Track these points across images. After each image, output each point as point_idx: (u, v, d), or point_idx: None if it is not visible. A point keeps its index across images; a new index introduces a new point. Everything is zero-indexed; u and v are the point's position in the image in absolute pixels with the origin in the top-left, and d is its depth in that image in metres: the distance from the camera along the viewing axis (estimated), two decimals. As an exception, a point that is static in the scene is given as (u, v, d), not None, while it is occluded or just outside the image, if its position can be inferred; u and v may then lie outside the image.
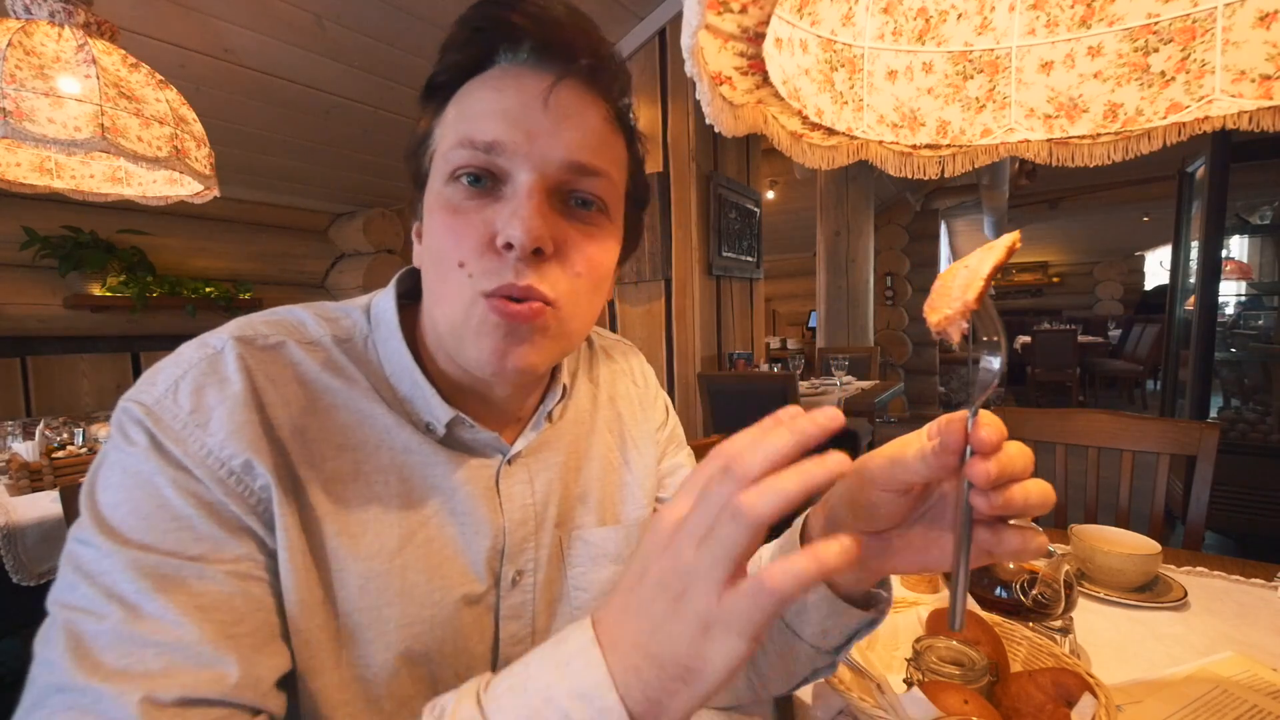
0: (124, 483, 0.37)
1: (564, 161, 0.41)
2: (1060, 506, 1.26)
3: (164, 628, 0.34)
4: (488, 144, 0.40)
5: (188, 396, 0.39)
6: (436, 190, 0.43)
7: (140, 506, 0.36)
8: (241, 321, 0.44)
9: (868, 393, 2.95)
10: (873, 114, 0.59)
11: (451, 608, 0.46)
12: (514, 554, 0.50)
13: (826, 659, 0.47)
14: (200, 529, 0.37)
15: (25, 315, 2.62)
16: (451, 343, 0.44)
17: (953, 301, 0.32)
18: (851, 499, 0.39)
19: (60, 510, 1.17)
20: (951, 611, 0.34)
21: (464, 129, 0.41)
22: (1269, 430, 2.54)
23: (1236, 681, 0.60)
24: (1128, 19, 0.50)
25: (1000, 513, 0.32)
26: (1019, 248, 0.33)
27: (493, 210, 0.41)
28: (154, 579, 0.35)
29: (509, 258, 0.40)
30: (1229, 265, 2.78)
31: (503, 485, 0.50)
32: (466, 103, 0.42)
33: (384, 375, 0.47)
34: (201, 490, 0.38)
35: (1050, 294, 9.25)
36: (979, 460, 0.31)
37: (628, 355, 0.66)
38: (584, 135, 0.42)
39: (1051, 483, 1.01)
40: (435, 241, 0.42)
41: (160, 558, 0.35)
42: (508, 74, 0.42)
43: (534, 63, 0.42)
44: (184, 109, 1.33)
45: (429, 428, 0.47)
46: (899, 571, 0.41)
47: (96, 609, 0.34)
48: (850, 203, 4.64)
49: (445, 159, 0.42)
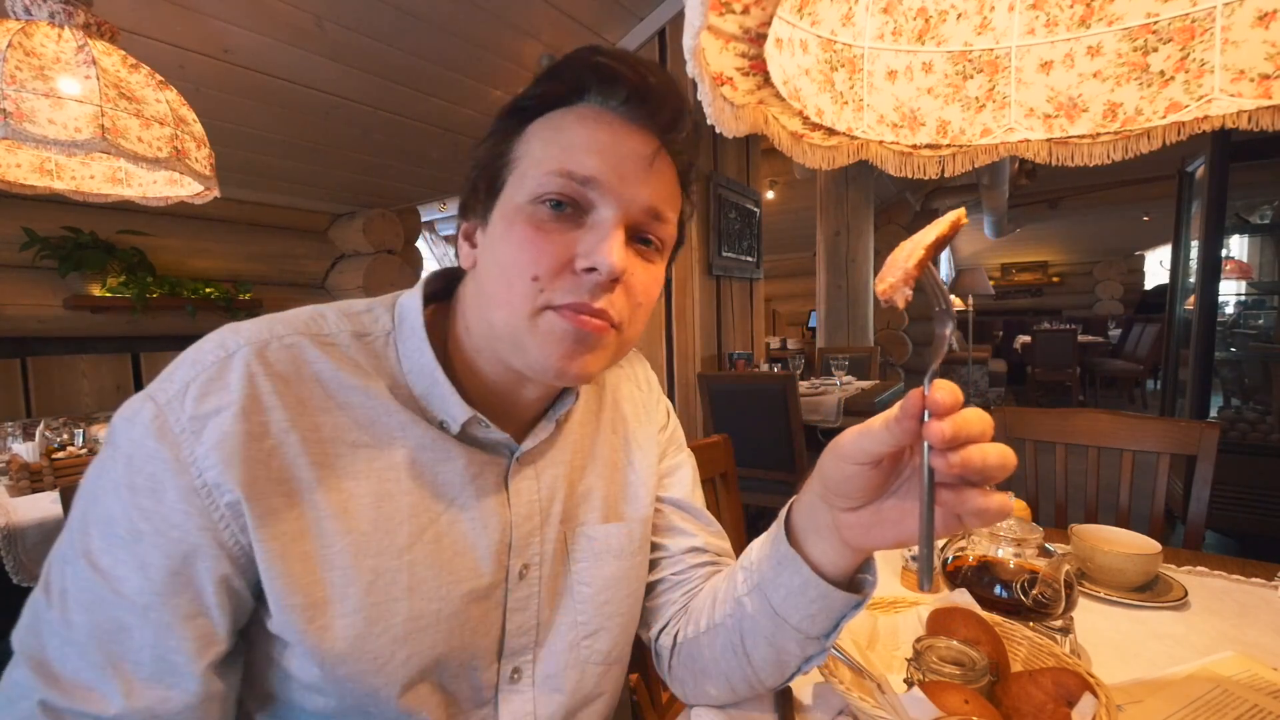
0: (102, 482, 0.41)
1: (646, 207, 0.45)
2: (1060, 506, 1.26)
3: (75, 636, 0.39)
4: (585, 178, 0.43)
5: (193, 401, 0.41)
6: (516, 204, 0.45)
7: (105, 512, 0.40)
8: (261, 323, 0.46)
9: (868, 393, 2.94)
10: (873, 114, 0.59)
11: (459, 602, 0.47)
12: (520, 548, 0.51)
13: (816, 645, 0.48)
14: (149, 544, 0.40)
15: (25, 316, 2.62)
16: (508, 346, 0.46)
17: (896, 270, 0.36)
18: (827, 476, 0.42)
19: (60, 511, 1.18)
20: (920, 572, 0.36)
21: (563, 159, 0.44)
22: (1269, 430, 2.54)
23: (1237, 681, 0.60)
24: (1127, 19, 0.50)
25: (959, 472, 0.34)
26: (964, 223, 0.36)
27: (574, 235, 0.44)
28: (82, 592, 0.40)
29: (586, 280, 0.43)
30: (1229, 265, 2.78)
31: (511, 482, 0.51)
32: (564, 134, 0.45)
33: (401, 373, 0.48)
34: (156, 506, 0.40)
35: (1050, 294, 9.24)
36: (935, 421, 0.34)
37: (632, 361, 0.68)
38: (664, 189, 0.46)
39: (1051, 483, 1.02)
40: (509, 252, 0.44)
41: (94, 572, 0.39)
42: (603, 117, 0.45)
43: (626, 115, 0.45)
44: (184, 110, 1.33)
45: (443, 425, 0.48)
46: (878, 546, 0.43)
47: (51, 593, 0.40)
48: (850, 203, 4.64)
49: (537, 181, 0.44)
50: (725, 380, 2.53)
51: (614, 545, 0.56)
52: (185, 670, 0.40)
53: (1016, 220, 7.07)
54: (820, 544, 0.46)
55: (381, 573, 0.44)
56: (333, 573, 0.43)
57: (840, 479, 0.40)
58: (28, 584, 1.33)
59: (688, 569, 0.62)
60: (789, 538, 0.48)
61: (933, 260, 0.36)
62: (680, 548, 0.63)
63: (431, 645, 0.46)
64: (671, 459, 0.66)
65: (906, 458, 0.40)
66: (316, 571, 0.42)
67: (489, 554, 0.49)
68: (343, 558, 0.43)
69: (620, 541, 0.57)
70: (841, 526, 0.43)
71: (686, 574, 0.62)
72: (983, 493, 0.35)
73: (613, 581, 0.56)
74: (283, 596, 0.41)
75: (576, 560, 0.55)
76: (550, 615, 0.54)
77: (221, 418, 0.40)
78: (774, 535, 0.50)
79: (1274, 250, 2.89)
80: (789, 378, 2.32)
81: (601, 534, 0.56)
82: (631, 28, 2.74)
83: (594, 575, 0.55)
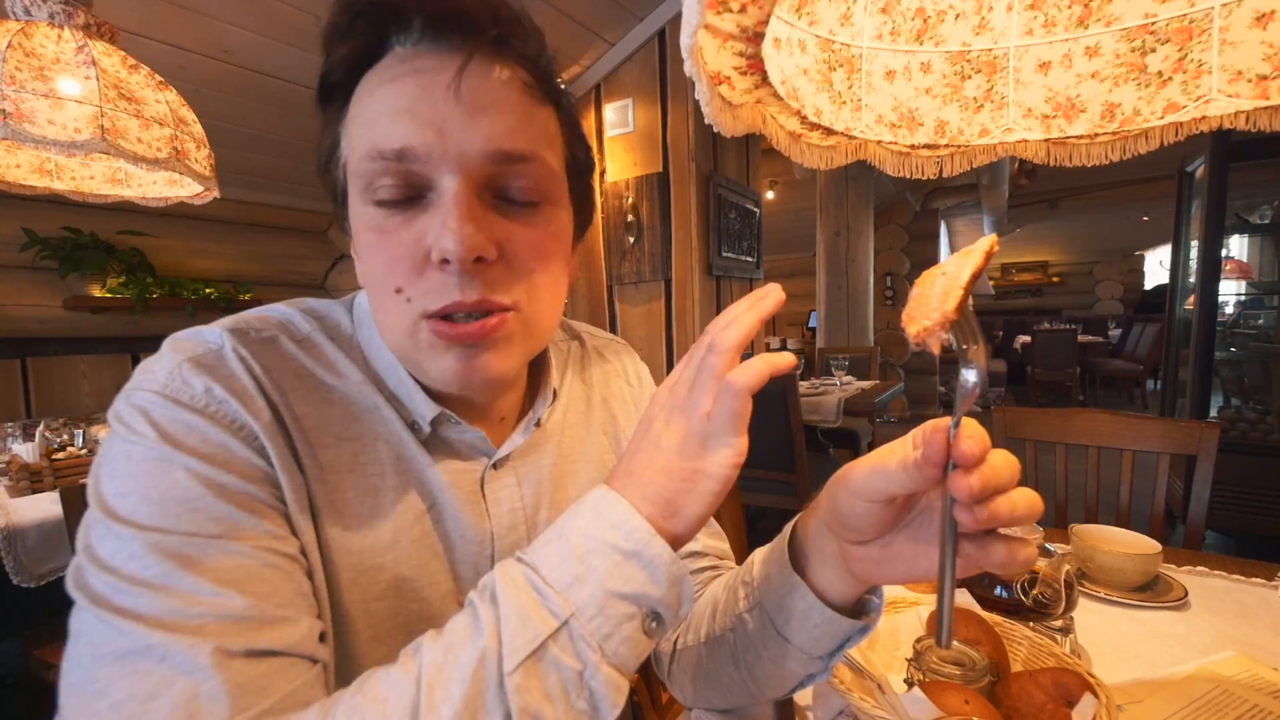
0: (132, 471, 0.35)
1: (486, 153, 0.37)
2: (1060, 506, 1.26)
3: (201, 600, 0.32)
4: (397, 151, 0.36)
5: (197, 377, 0.37)
6: (358, 210, 0.39)
7: (151, 493, 0.34)
8: (231, 319, 0.43)
9: (868, 393, 2.94)
10: (871, 114, 0.59)
11: (440, 604, 0.46)
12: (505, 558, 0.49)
13: (819, 664, 0.46)
14: (216, 510, 0.35)
15: (25, 316, 2.62)
16: (408, 365, 0.43)
17: (931, 312, 0.31)
18: (836, 509, 0.38)
19: (60, 512, 1.18)
20: (938, 628, 0.33)
21: (368, 137, 0.37)
22: (1269, 430, 2.53)
23: (1237, 681, 0.60)
24: (1125, 19, 0.50)
25: (985, 526, 0.31)
26: (997, 251, 0.32)
27: (421, 224, 0.38)
28: (177, 559, 0.33)
29: (449, 273, 0.37)
30: (1229, 265, 2.78)
31: (488, 490, 0.49)
32: (366, 103, 0.38)
33: (375, 370, 0.46)
34: (213, 474, 0.35)
35: (1050, 294, 9.24)
36: (961, 475, 0.30)
37: (621, 355, 0.65)
38: (504, 118, 0.38)
39: (1051, 483, 1.02)
40: (367, 266, 0.40)
41: (181, 538, 0.33)
42: (404, 62, 0.37)
43: (431, 43, 0.37)
44: (184, 110, 1.34)
45: (415, 427, 0.46)
46: (887, 582, 0.40)
47: (126, 596, 0.33)
48: (850, 203, 4.64)
49: (356, 174, 0.38)
50: (725, 380, 2.52)
51: None
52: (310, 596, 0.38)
53: (1016, 220, 7.07)
54: (825, 572, 0.42)
55: (364, 570, 0.42)
56: (323, 562, 0.41)
57: (849, 514, 0.37)
58: (28, 585, 1.33)
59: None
60: (792, 560, 0.45)
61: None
62: (679, 552, 0.62)
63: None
64: None
65: (921, 495, 0.37)
66: (310, 556, 0.40)
67: (469, 564, 0.47)
68: (330, 548, 0.41)
69: None
70: (849, 559, 0.40)
71: None
72: (1006, 545, 0.32)
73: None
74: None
75: None
76: None
77: (233, 389, 0.38)
78: (777, 556, 0.46)
79: (1274, 250, 2.89)
80: (789, 377, 2.32)
81: None
82: (631, 28, 2.74)
83: None
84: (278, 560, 0.36)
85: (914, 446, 0.32)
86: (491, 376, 0.40)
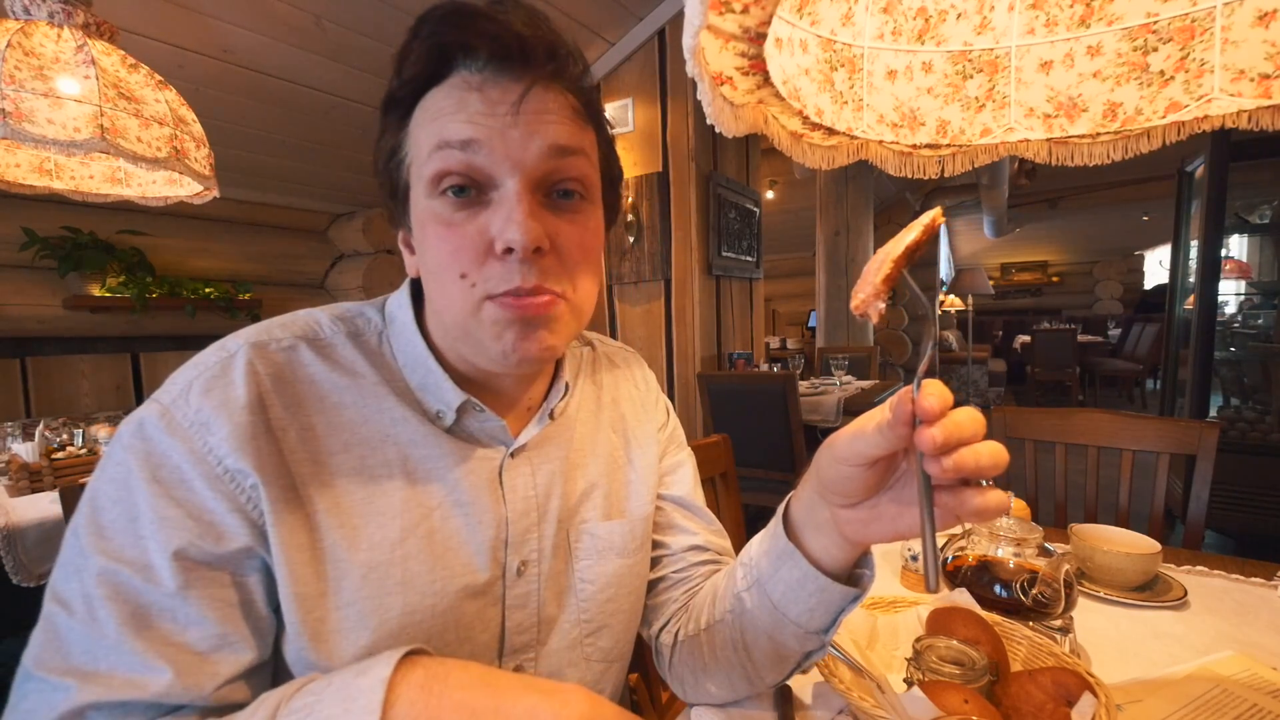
0: (118, 481, 0.40)
1: (542, 150, 0.42)
2: (1060, 506, 1.26)
3: (106, 634, 0.38)
4: (463, 141, 0.41)
5: (198, 396, 0.42)
6: (423, 204, 0.44)
7: (126, 509, 0.40)
8: (260, 326, 0.48)
9: (868, 392, 2.94)
10: (872, 114, 0.59)
11: (453, 597, 0.47)
12: (517, 544, 0.51)
13: (815, 640, 0.49)
14: (181, 530, 0.40)
15: (25, 316, 2.61)
16: (467, 345, 0.46)
17: (866, 285, 0.35)
18: (823, 475, 0.42)
19: (60, 511, 1.17)
20: (925, 573, 0.36)
21: (437, 130, 0.42)
22: (1269, 429, 2.54)
23: (1237, 681, 0.60)
24: (1127, 18, 0.50)
25: (953, 476, 0.34)
26: (941, 223, 0.36)
27: (485, 218, 0.42)
28: (108, 587, 0.38)
29: (511, 261, 0.42)
30: (1228, 264, 2.79)
31: (505, 477, 0.51)
32: (431, 111, 0.43)
33: (397, 368, 0.49)
34: (187, 495, 0.40)
35: (1050, 293, 9.24)
36: (925, 428, 0.34)
37: (629, 362, 0.68)
38: (556, 126, 0.43)
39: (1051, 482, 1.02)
40: (432, 255, 0.44)
41: (119, 565, 0.39)
42: (470, 84, 0.42)
43: (494, 72, 0.42)
44: (183, 109, 1.33)
45: (438, 416, 0.49)
46: (877, 540, 0.43)
47: (71, 603, 0.39)
48: (850, 203, 4.64)
49: (424, 165, 0.43)
50: (725, 380, 2.53)
51: (616, 543, 0.57)
52: (236, 639, 0.41)
53: (1016, 220, 7.07)
54: (819, 538, 0.46)
55: (375, 567, 0.44)
56: (327, 565, 0.43)
57: (836, 479, 0.41)
58: (27, 584, 1.33)
59: (689, 567, 0.62)
60: (787, 533, 0.48)
61: (909, 266, 0.35)
62: (681, 545, 0.63)
63: (427, 640, 0.46)
64: (672, 457, 0.66)
65: (901, 456, 0.40)
66: (313, 564, 0.43)
67: (484, 550, 0.49)
68: (336, 551, 0.44)
69: (622, 539, 0.57)
70: (840, 522, 0.43)
71: (687, 572, 0.62)
72: (979, 491, 0.35)
73: (615, 579, 0.56)
74: (286, 584, 0.42)
75: (579, 558, 0.55)
76: (556, 612, 0.54)
77: (230, 410, 0.41)
78: (772, 531, 0.50)
79: (1274, 250, 2.89)
80: (789, 378, 2.32)
81: (604, 531, 0.56)
82: (631, 28, 2.74)
83: (597, 573, 0.55)
84: (214, 591, 0.40)
85: (888, 411, 0.36)
86: (546, 350, 0.45)
